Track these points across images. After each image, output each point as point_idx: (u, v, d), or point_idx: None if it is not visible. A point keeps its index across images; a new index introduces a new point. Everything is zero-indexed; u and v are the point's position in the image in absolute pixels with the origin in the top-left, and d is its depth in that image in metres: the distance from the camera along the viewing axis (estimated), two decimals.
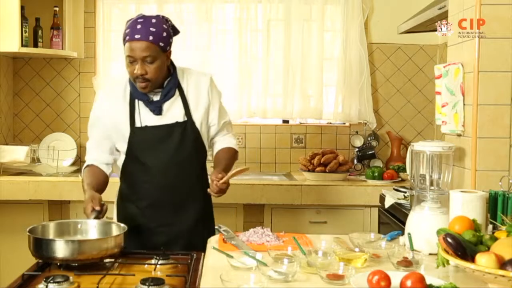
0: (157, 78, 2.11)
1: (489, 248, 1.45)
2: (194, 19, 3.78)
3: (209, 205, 2.32)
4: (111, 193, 2.25)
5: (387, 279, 1.38)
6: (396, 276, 1.40)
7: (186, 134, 2.18)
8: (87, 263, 1.69)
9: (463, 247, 1.44)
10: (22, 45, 3.40)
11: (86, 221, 1.93)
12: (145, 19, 2.09)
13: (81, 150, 3.86)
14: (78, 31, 3.78)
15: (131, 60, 2.07)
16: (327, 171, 3.38)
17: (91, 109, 3.91)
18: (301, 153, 3.77)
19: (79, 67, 3.87)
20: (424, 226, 1.84)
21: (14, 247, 3.22)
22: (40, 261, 1.74)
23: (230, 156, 2.30)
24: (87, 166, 2.23)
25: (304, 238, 1.96)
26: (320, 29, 3.80)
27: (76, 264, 1.69)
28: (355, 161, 3.77)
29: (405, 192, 2.76)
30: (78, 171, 3.72)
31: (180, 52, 3.76)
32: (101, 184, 2.16)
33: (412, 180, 2.01)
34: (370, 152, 3.74)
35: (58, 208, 3.39)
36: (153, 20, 2.09)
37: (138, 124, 2.16)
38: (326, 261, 1.63)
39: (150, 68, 2.07)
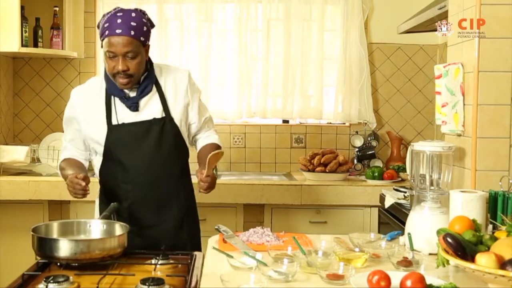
0: (139, 73, 2.06)
1: (489, 248, 1.45)
2: (194, 19, 3.78)
3: (193, 204, 2.27)
4: (93, 193, 2.19)
5: (387, 279, 1.37)
6: (396, 276, 1.40)
7: (165, 131, 2.12)
8: (87, 263, 1.69)
9: (463, 247, 1.44)
10: (22, 45, 3.40)
11: (91, 220, 1.93)
12: (124, 13, 2.03)
13: None
14: (78, 31, 3.78)
15: (112, 55, 2.01)
16: (327, 171, 3.38)
17: None
18: (301, 153, 3.77)
19: (79, 67, 3.87)
20: (424, 226, 1.84)
21: (14, 247, 3.23)
22: (40, 261, 1.73)
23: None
24: (65, 159, 2.20)
25: (304, 238, 1.96)
26: (320, 29, 3.80)
27: (77, 264, 1.69)
28: (355, 161, 3.76)
29: (405, 192, 2.76)
30: None
31: (180, 52, 3.78)
32: (84, 170, 2.14)
33: (412, 180, 2.01)
34: (370, 152, 3.74)
35: (58, 208, 3.39)
36: (133, 14, 2.04)
37: (114, 121, 2.10)
38: (326, 261, 1.63)
39: (132, 63, 2.02)
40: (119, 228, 1.87)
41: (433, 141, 1.96)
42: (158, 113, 2.13)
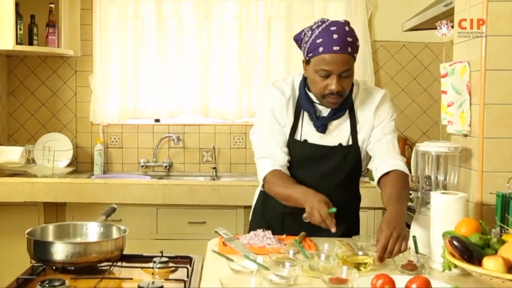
0: (347, 93, 1.94)
1: (496, 252, 1.44)
2: (194, 16, 3.75)
3: (356, 227, 2.14)
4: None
5: (392, 283, 1.36)
6: (401, 280, 1.39)
7: (347, 158, 2.00)
8: (84, 267, 1.68)
9: (469, 251, 1.43)
10: (17, 43, 3.38)
11: (87, 223, 1.92)
12: (338, 27, 1.88)
13: (77, 151, 3.82)
14: (74, 29, 3.75)
15: (326, 74, 1.87)
16: None
17: (87, 109, 3.92)
18: None
19: (75, 65, 3.83)
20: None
21: (9, 250, 3.21)
22: (35, 264, 1.72)
23: (401, 187, 1.92)
24: (274, 172, 1.96)
25: (306, 241, 1.93)
26: None
27: (73, 268, 1.68)
28: None
29: (410, 194, 2.72)
30: (74, 172, 3.70)
31: (179, 51, 3.75)
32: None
33: (417, 182, 1.99)
34: None
35: (53, 210, 3.38)
36: (346, 28, 1.89)
37: (297, 137, 2.00)
38: (329, 264, 1.61)
39: (345, 82, 1.89)
40: (116, 231, 1.86)
41: (439, 142, 1.95)
42: (345, 140, 2.01)
